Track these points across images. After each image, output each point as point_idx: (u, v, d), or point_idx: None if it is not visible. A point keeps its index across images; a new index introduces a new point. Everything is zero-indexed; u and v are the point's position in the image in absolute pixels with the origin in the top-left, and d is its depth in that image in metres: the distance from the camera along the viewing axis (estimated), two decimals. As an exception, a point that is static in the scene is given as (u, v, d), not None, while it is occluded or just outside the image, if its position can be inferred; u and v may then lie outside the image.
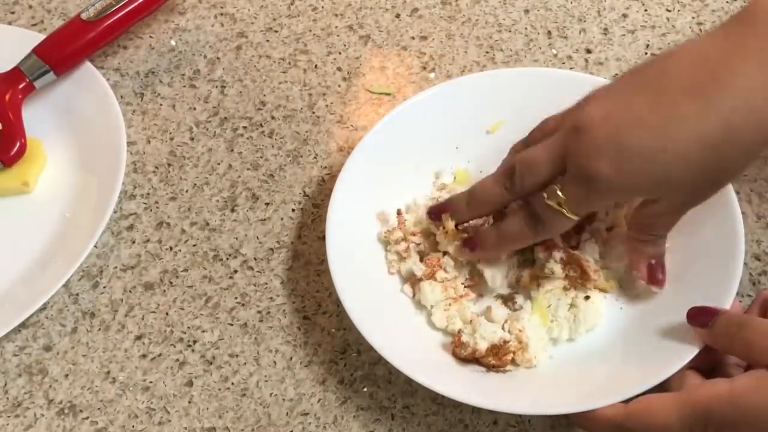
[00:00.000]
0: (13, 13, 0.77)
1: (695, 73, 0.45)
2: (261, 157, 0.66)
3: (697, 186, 0.48)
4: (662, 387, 0.48)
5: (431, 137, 0.62)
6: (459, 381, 0.52)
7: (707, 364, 0.50)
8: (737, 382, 0.45)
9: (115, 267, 0.61)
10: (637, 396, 0.48)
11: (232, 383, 0.56)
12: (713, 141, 0.44)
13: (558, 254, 0.54)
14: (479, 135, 0.63)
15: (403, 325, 0.55)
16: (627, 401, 0.48)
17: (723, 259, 0.53)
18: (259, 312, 0.59)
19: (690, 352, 0.49)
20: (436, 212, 0.56)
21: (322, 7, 0.75)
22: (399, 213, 0.58)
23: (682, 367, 0.49)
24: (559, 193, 0.49)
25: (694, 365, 0.49)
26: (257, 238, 0.62)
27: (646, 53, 0.70)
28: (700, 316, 0.49)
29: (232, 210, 0.64)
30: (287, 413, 0.55)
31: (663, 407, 0.46)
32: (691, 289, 0.53)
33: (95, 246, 0.62)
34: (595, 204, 0.50)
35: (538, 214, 0.51)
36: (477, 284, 0.57)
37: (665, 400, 0.46)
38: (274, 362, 0.57)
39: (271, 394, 0.55)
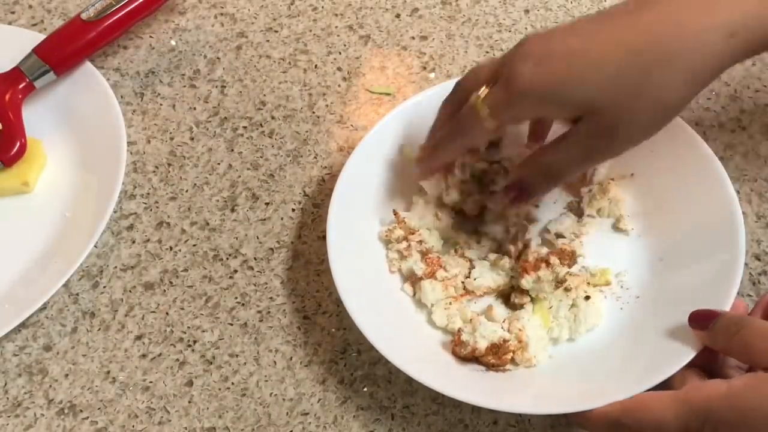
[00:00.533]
0: (13, 13, 0.77)
1: (634, 2, 0.49)
2: (261, 157, 0.66)
3: (611, 101, 0.48)
4: (663, 386, 0.48)
5: (431, 137, 0.62)
6: (459, 380, 0.52)
7: (709, 366, 0.50)
8: (735, 382, 0.45)
9: (115, 267, 0.61)
10: (637, 396, 0.48)
11: (232, 383, 0.56)
12: (635, 47, 0.47)
13: (555, 259, 0.54)
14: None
15: (404, 324, 0.55)
16: (625, 401, 0.48)
17: (723, 259, 0.53)
18: (259, 312, 0.59)
19: (690, 353, 0.49)
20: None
21: (322, 7, 0.75)
22: (395, 213, 0.58)
23: (681, 367, 0.49)
24: (480, 95, 0.50)
25: (696, 364, 0.49)
26: (257, 238, 0.62)
27: (646, 53, 0.70)
28: (701, 319, 0.49)
29: (232, 210, 0.64)
30: (287, 413, 0.55)
31: (659, 404, 0.46)
32: (691, 289, 0.53)
33: (95, 246, 0.62)
34: (512, 109, 0.50)
35: (460, 115, 0.53)
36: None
37: (662, 397, 0.46)
38: (274, 362, 0.57)
39: (271, 394, 0.55)
